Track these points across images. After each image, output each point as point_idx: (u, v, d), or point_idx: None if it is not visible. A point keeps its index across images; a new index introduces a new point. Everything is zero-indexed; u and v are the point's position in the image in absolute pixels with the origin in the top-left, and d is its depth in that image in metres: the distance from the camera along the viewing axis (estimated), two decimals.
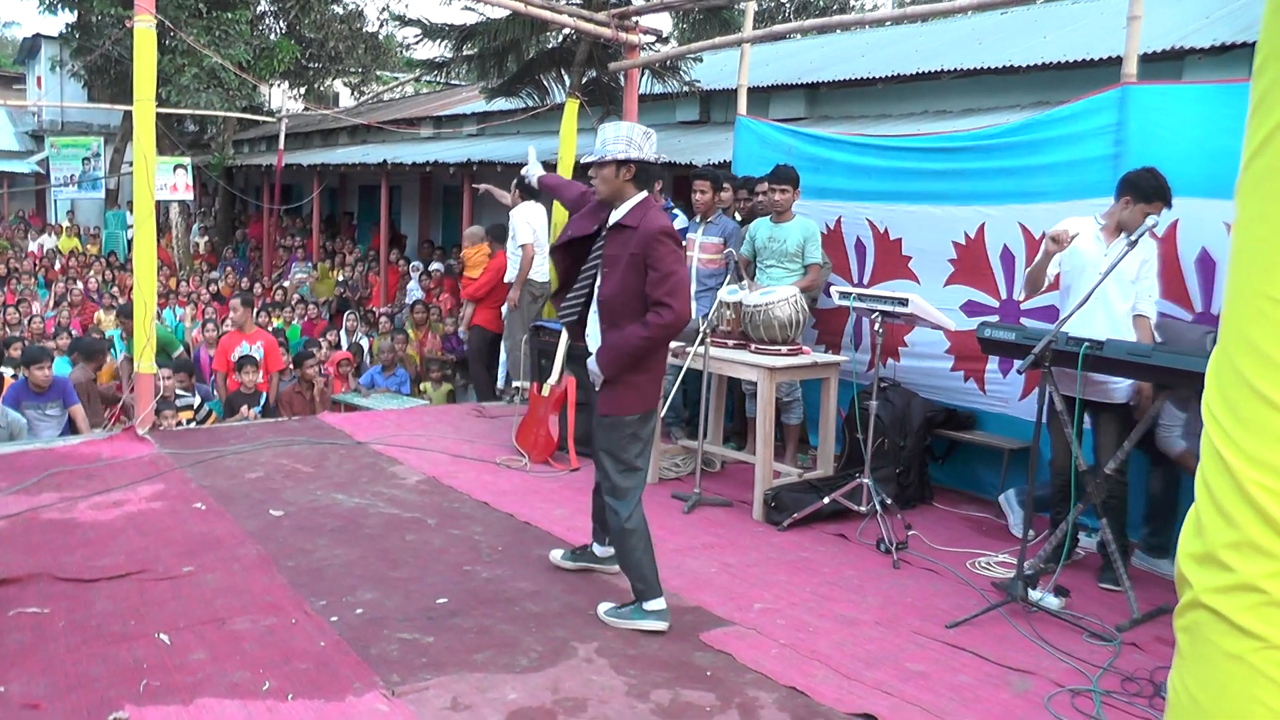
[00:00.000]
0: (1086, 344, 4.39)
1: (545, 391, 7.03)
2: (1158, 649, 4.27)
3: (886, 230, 6.87)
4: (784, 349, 6.02)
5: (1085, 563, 5.33)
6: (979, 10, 7.29)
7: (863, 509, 5.58)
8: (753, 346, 6.11)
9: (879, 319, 5.55)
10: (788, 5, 28.37)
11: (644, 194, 4.35)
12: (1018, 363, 4.65)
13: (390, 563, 4.97)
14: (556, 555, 5.00)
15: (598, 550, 4.97)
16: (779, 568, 5.12)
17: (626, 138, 4.31)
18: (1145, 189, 4.82)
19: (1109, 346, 4.36)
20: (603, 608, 4.43)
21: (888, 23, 15.00)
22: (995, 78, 10.59)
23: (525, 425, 7.17)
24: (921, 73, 11.18)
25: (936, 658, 4.12)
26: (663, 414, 6.43)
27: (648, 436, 4.46)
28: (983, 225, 6.30)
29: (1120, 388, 4.80)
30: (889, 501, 5.58)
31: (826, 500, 5.67)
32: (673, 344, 6.19)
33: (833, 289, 6.02)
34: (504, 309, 8.81)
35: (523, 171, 4.89)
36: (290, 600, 4.47)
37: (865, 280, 7.03)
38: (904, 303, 5.45)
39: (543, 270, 8.11)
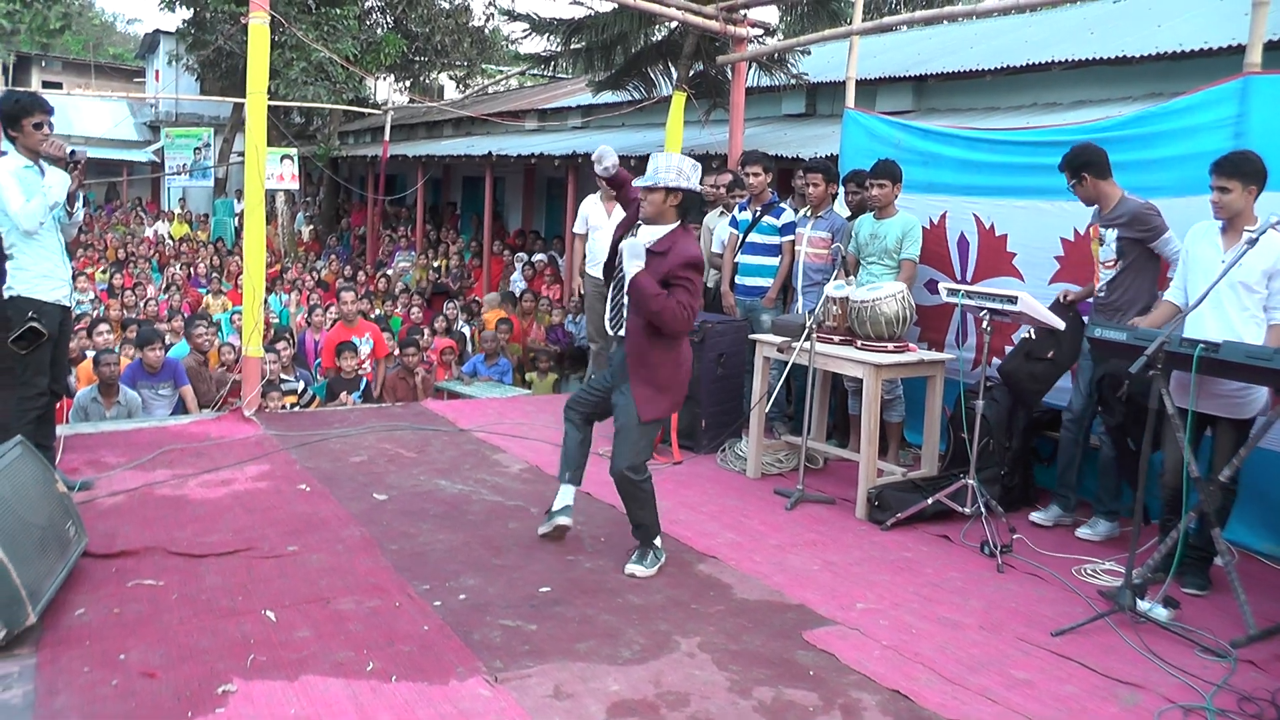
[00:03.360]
0: (1201, 346, 4.21)
1: None
2: (1278, 669, 4.11)
3: (993, 226, 6.74)
4: (890, 346, 5.95)
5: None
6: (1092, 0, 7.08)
7: (967, 510, 5.48)
8: (859, 343, 6.05)
9: (987, 317, 5.45)
10: None
11: (679, 224, 4.77)
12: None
13: (493, 550, 5.03)
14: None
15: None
16: (882, 567, 5.07)
17: (678, 168, 4.72)
18: (1252, 171, 4.61)
19: (1226, 349, 4.15)
20: (631, 568, 4.84)
21: (995, 13, 14.70)
22: (1107, 69, 10.31)
23: None
24: (1031, 64, 10.93)
25: (1042, 666, 4.04)
26: (767, 409, 6.41)
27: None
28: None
29: (1246, 402, 4.60)
30: (993, 504, 5.48)
31: (930, 501, 5.60)
32: (778, 339, 6.19)
33: (940, 285, 5.91)
34: None
35: (598, 162, 5.12)
36: (394, 583, 4.55)
37: (969, 277, 6.91)
38: (1013, 300, 5.33)
39: (597, 263, 7.95)
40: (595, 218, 8.20)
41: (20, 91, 5.47)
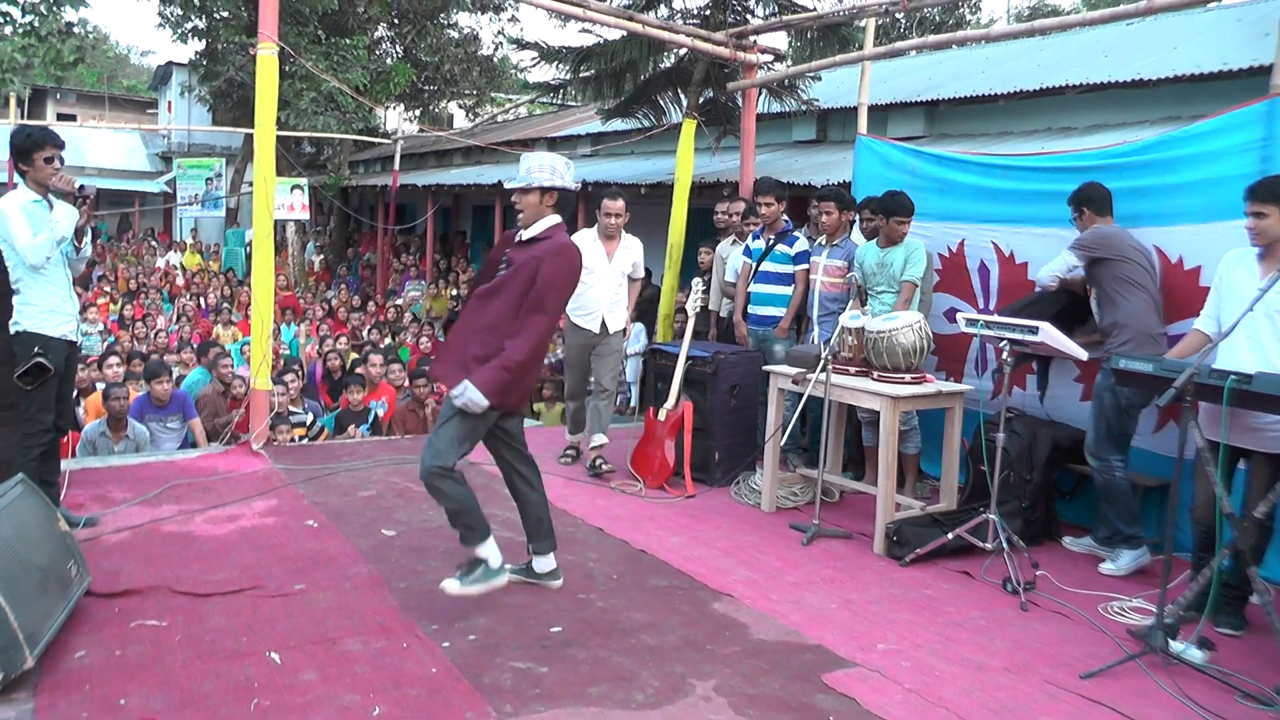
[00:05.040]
0: (1233, 378, 4.08)
1: (662, 415, 6.94)
2: None
3: (1012, 254, 6.64)
4: (907, 377, 5.84)
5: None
6: (1104, 23, 7.01)
7: (988, 546, 5.35)
8: (875, 374, 5.94)
9: (1007, 348, 5.34)
10: (904, 21, 28.01)
11: (559, 218, 4.67)
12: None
13: (503, 588, 4.90)
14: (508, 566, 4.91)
15: (536, 565, 5.01)
16: (902, 606, 4.94)
17: (550, 167, 4.62)
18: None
19: (1259, 380, 4.01)
20: (450, 584, 4.53)
21: (1007, 37, 14.64)
22: (1123, 92, 10.25)
23: (641, 449, 7.09)
24: (1045, 88, 10.88)
25: (1071, 711, 3.91)
26: (781, 442, 6.31)
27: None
28: None
29: None
30: (1015, 539, 5.34)
31: (951, 536, 5.47)
32: (792, 371, 6.09)
33: (959, 315, 5.80)
34: None
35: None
36: (402, 623, 4.47)
37: (990, 306, 6.81)
38: (1034, 331, 5.21)
39: (589, 313, 7.23)
40: (591, 259, 6.92)
41: (32, 125, 5.45)
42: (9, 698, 3.66)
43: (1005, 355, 5.34)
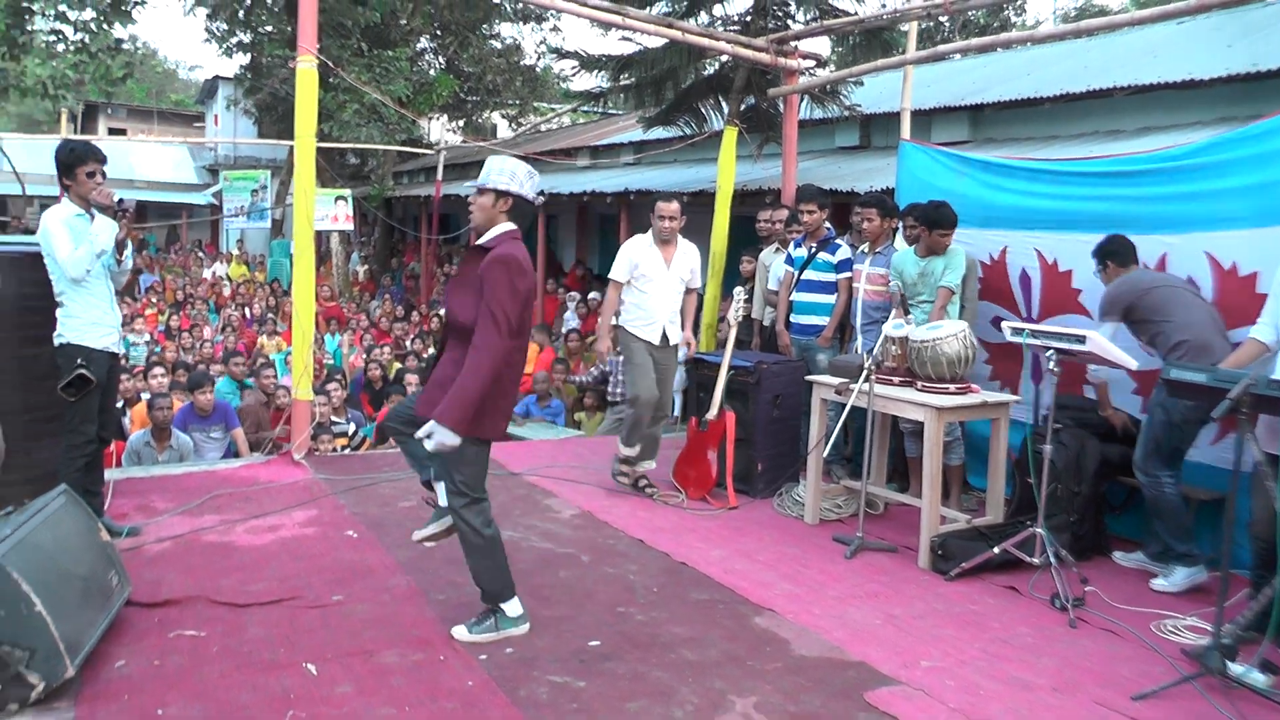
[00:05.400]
0: None
1: (704, 426, 6.88)
2: None
3: (1056, 261, 6.52)
4: (952, 387, 5.74)
5: None
6: (1154, 22, 6.86)
7: (1035, 560, 5.22)
8: (919, 384, 5.85)
9: (1054, 357, 5.22)
10: (947, 25, 27.81)
11: (512, 226, 4.39)
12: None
13: (541, 600, 4.90)
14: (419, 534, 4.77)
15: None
16: (947, 621, 4.84)
17: (510, 171, 4.37)
18: None
19: None
20: (459, 631, 4.44)
21: (1053, 38, 14.42)
22: (1174, 93, 10.02)
23: (683, 460, 7.03)
24: (1092, 90, 10.67)
25: None
26: (825, 453, 6.22)
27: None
28: (1164, 255, 5.89)
29: None
30: (1063, 553, 5.21)
31: (997, 550, 5.34)
32: (835, 380, 6.00)
33: (1004, 324, 5.69)
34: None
35: None
36: (439, 635, 4.45)
37: (1033, 315, 6.68)
38: (1081, 340, 5.10)
39: (650, 322, 6.81)
40: (648, 265, 6.75)
41: (75, 140, 5.52)
42: (50, 706, 3.69)
43: (1052, 365, 5.22)
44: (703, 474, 6.83)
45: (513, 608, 4.47)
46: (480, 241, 4.35)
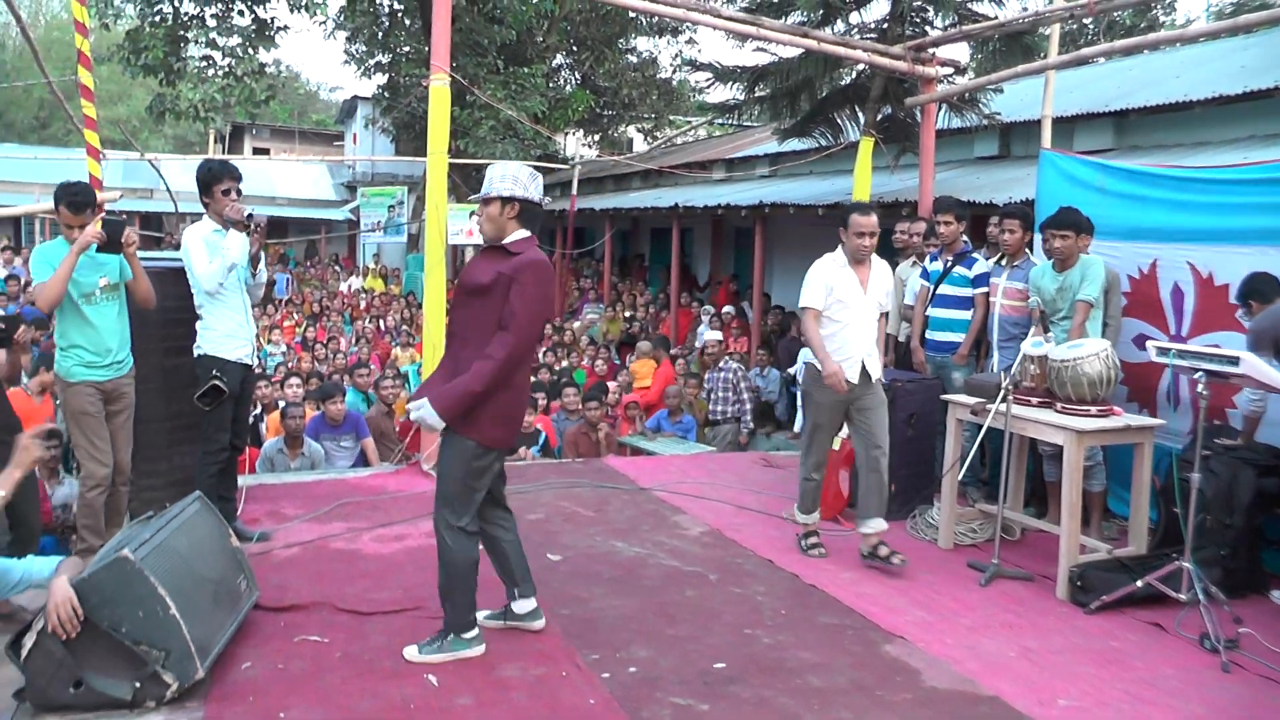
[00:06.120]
0: None
1: (836, 445, 6.74)
2: None
3: (1211, 275, 6.18)
4: (1094, 409, 5.49)
5: None
6: None
7: (1183, 597, 4.91)
8: (1059, 405, 5.61)
9: (1203, 379, 4.95)
10: (1091, 27, 26.93)
11: (528, 232, 4.32)
12: None
13: (667, 619, 4.86)
14: (481, 615, 4.62)
15: (516, 607, 4.68)
16: (1086, 657, 4.59)
17: (514, 177, 4.29)
18: None
19: None
20: (410, 651, 4.32)
21: (1204, 37, 13.78)
22: None
23: None
24: (1248, 91, 10.12)
25: None
26: (960, 475, 6.02)
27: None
28: None
29: None
30: (1213, 590, 4.89)
31: (1140, 584, 5.06)
32: (971, 400, 5.81)
33: (1149, 344, 5.43)
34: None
35: None
36: (562, 650, 4.44)
37: (1184, 332, 6.36)
38: (1234, 361, 4.79)
39: (848, 357, 5.80)
40: (843, 289, 5.76)
41: (213, 160, 5.76)
42: (182, 705, 3.81)
43: (1200, 388, 4.95)
44: (834, 494, 6.70)
45: (468, 630, 4.38)
46: (497, 248, 4.29)
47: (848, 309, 5.74)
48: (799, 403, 10.56)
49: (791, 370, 12.12)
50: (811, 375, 5.86)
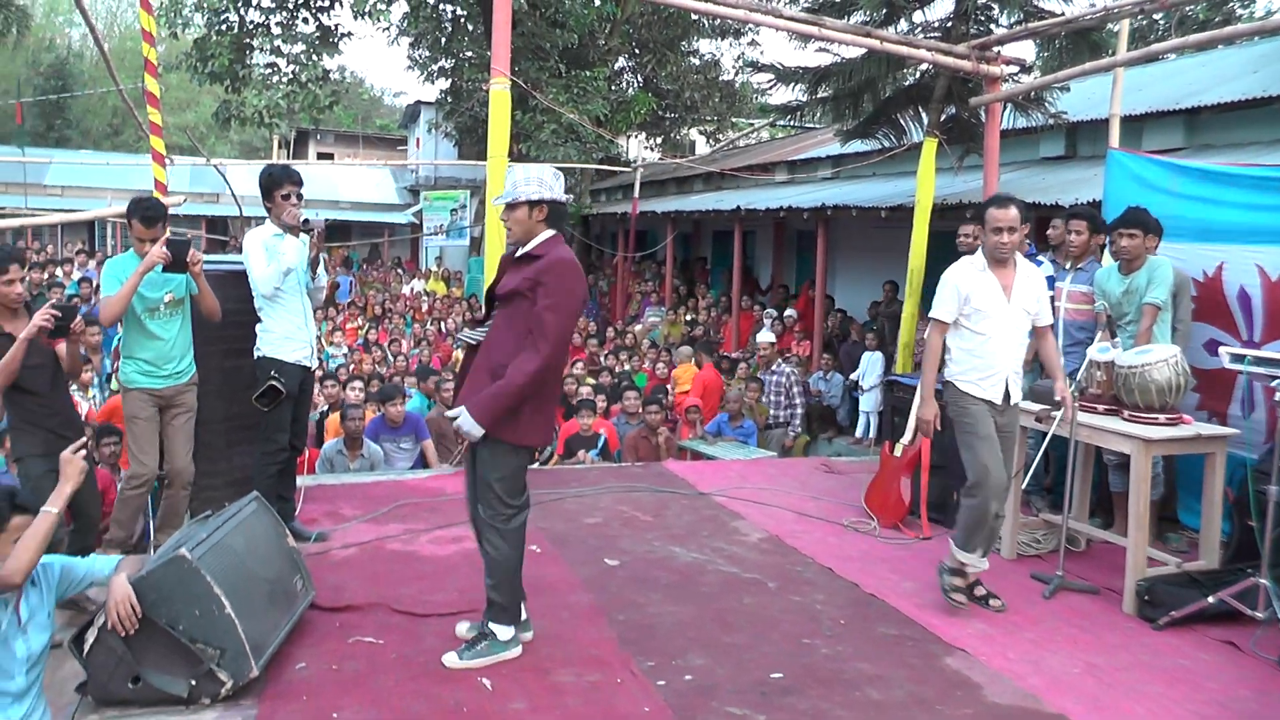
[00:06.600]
0: None
1: (898, 451, 6.65)
2: None
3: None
4: (1162, 418, 5.33)
5: None
6: None
7: (1258, 614, 4.74)
8: (1125, 413, 5.46)
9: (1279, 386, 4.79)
10: (1161, 23, 26.35)
11: (554, 232, 4.29)
12: None
13: (724, 626, 4.81)
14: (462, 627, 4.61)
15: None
16: (1154, 676, 4.45)
17: (539, 179, 4.26)
18: None
19: None
20: (449, 658, 4.30)
21: None
22: None
23: (875, 486, 6.83)
24: None
25: None
26: (1024, 484, 5.89)
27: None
28: None
29: None
30: None
31: (1212, 600, 4.90)
32: (1036, 407, 5.68)
33: (1222, 350, 5.27)
34: None
35: None
36: (617, 657, 4.41)
37: (1255, 338, 6.16)
38: None
39: (991, 373, 5.19)
40: (983, 297, 5.10)
41: (274, 165, 5.85)
42: (236, 703, 3.85)
43: (1278, 395, 4.79)
44: (896, 501, 6.61)
45: (504, 631, 4.36)
46: (525, 252, 4.26)
47: (988, 319, 5.09)
48: (860, 407, 10.46)
49: (854, 376, 12.03)
50: (953, 395, 5.22)
